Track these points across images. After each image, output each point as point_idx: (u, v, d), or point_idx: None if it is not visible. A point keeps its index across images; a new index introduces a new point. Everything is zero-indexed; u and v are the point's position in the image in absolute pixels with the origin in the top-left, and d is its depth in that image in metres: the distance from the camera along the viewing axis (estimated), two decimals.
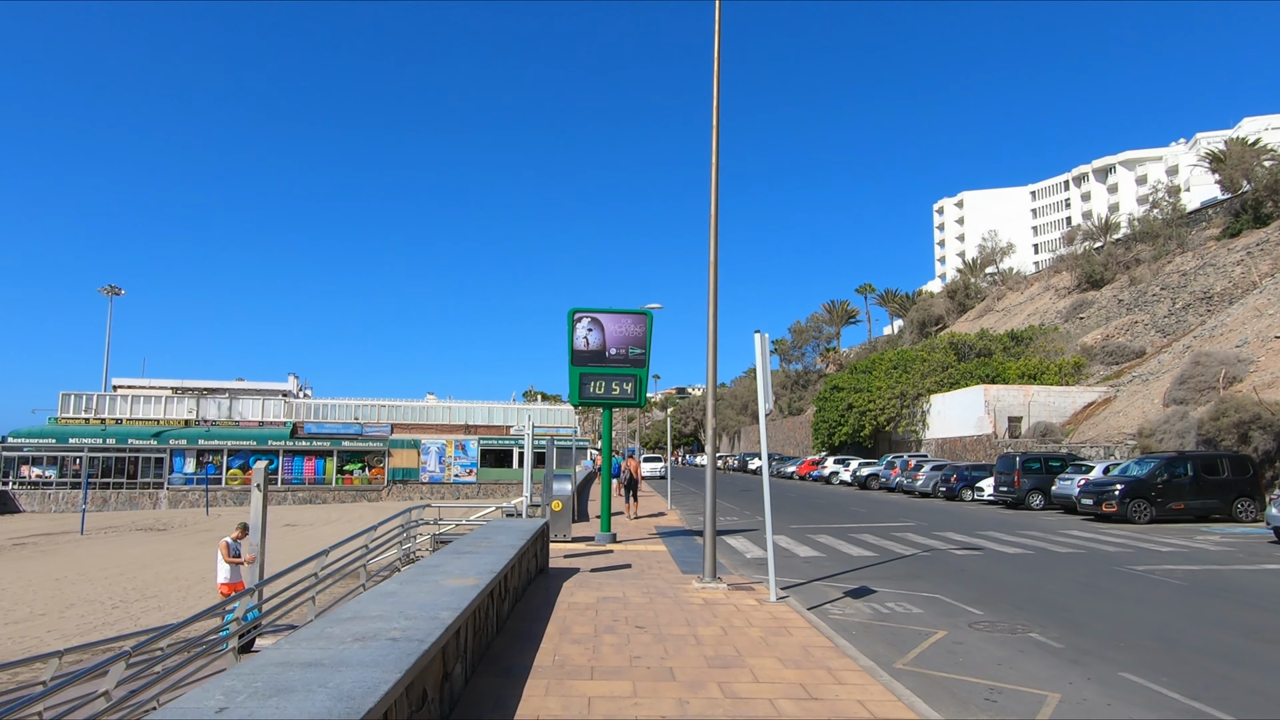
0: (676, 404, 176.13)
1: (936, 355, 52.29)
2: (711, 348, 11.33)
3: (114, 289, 77.77)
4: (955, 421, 46.61)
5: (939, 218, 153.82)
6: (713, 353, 11.33)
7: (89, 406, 61.11)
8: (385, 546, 13.96)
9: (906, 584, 13.16)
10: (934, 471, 36.12)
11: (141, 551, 30.39)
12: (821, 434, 59.99)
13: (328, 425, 63.57)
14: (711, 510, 11.50)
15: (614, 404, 18.98)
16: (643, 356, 19.10)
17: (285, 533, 38.08)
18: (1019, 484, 28.32)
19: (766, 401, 10.23)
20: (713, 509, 11.49)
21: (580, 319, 19.21)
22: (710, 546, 11.45)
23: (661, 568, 14.61)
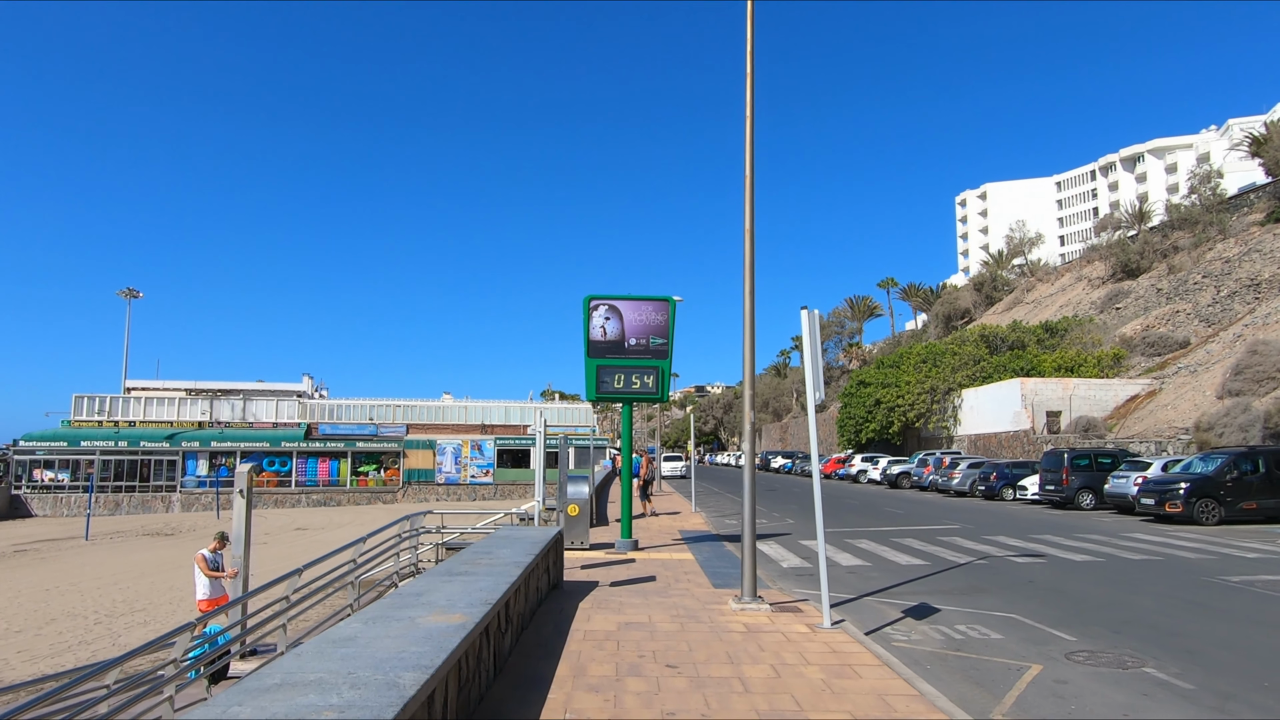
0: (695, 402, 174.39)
1: (967, 348, 50.29)
2: (748, 326, 9.74)
3: (133, 292, 77.25)
4: (989, 417, 44.64)
5: (961, 210, 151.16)
6: (749, 332, 9.73)
7: (102, 409, 60.38)
8: (381, 558, 12.46)
9: (972, 600, 11.48)
10: (971, 469, 34.24)
11: (143, 558, 29.19)
12: (847, 431, 58.12)
13: (342, 426, 62.48)
14: (751, 517, 9.89)
15: (634, 399, 17.39)
16: (665, 347, 17.49)
17: (295, 537, 36.85)
18: (1068, 482, 26.45)
19: (817, 389, 8.60)
20: (752, 516, 9.89)
21: (597, 307, 17.63)
22: (750, 559, 9.85)
23: (690, 580, 13.01)
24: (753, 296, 9.81)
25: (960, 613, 10.59)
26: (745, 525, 9.85)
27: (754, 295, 9.78)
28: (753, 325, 9.81)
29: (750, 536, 9.83)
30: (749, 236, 9.96)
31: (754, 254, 9.78)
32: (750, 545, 9.82)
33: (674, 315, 17.71)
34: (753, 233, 9.95)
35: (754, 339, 9.75)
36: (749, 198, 9.87)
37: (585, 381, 17.39)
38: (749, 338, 9.76)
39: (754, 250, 9.85)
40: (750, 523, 9.87)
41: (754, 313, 9.90)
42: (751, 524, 9.89)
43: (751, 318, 9.85)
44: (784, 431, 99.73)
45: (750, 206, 9.82)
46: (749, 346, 9.79)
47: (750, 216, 9.80)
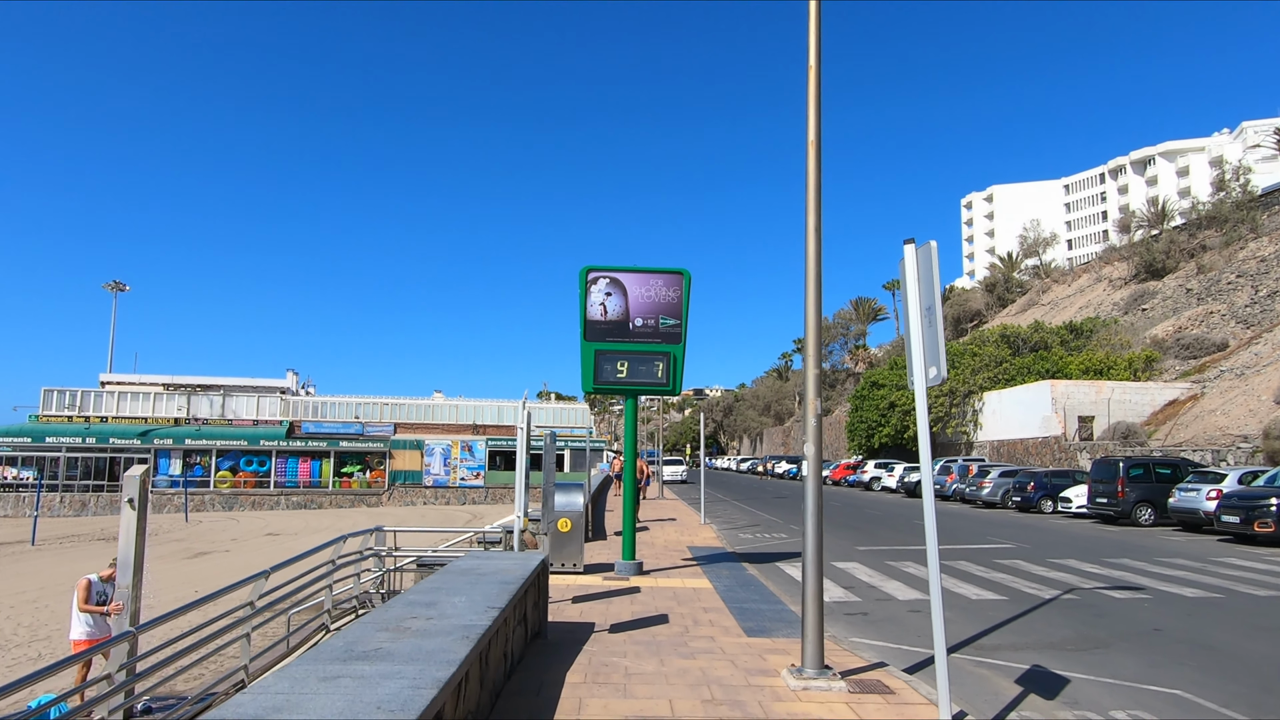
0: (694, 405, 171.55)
1: (988, 349, 47.38)
2: (813, 261, 6.80)
3: (119, 285, 74.20)
4: (1015, 421, 41.68)
5: (967, 213, 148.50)
6: (814, 270, 6.80)
7: (72, 404, 57.22)
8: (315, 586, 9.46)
9: (1100, 661, 8.50)
10: (1004, 478, 31.27)
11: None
12: (859, 435, 55.14)
13: (326, 424, 59.39)
14: (815, 556, 6.84)
15: (640, 390, 14.39)
16: (677, 329, 14.51)
17: (263, 544, 33.79)
18: (1123, 494, 23.48)
19: (936, 365, 5.63)
20: (817, 554, 6.84)
21: (596, 280, 14.63)
22: (814, 615, 6.80)
23: (714, 623, 10.01)
24: (818, 217, 6.86)
25: (1098, 684, 7.61)
26: (807, 566, 6.83)
27: (820, 217, 6.84)
28: (818, 259, 6.87)
29: (815, 582, 6.81)
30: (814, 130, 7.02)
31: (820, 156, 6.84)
32: (815, 595, 6.80)
33: (688, 292, 14.73)
34: (818, 125, 7.02)
35: (820, 279, 6.83)
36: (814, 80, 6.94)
37: (581, 369, 14.40)
38: (813, 278, 6.80)
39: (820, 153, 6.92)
40: (815, 564, 6.85)
41: (820, 248, 6.94)
42: (817, 565, 6.86)
43: (817, 251, 6.89)
44: (786, 436, 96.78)
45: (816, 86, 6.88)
46: (813, 291, 6.83)
47: (816, 98, 6.87)
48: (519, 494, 10.53)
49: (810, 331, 6.94)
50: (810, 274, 6.93)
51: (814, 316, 6.94)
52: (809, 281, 6.95)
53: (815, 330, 6.94)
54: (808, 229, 7.02)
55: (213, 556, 29.17)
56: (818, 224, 7.03)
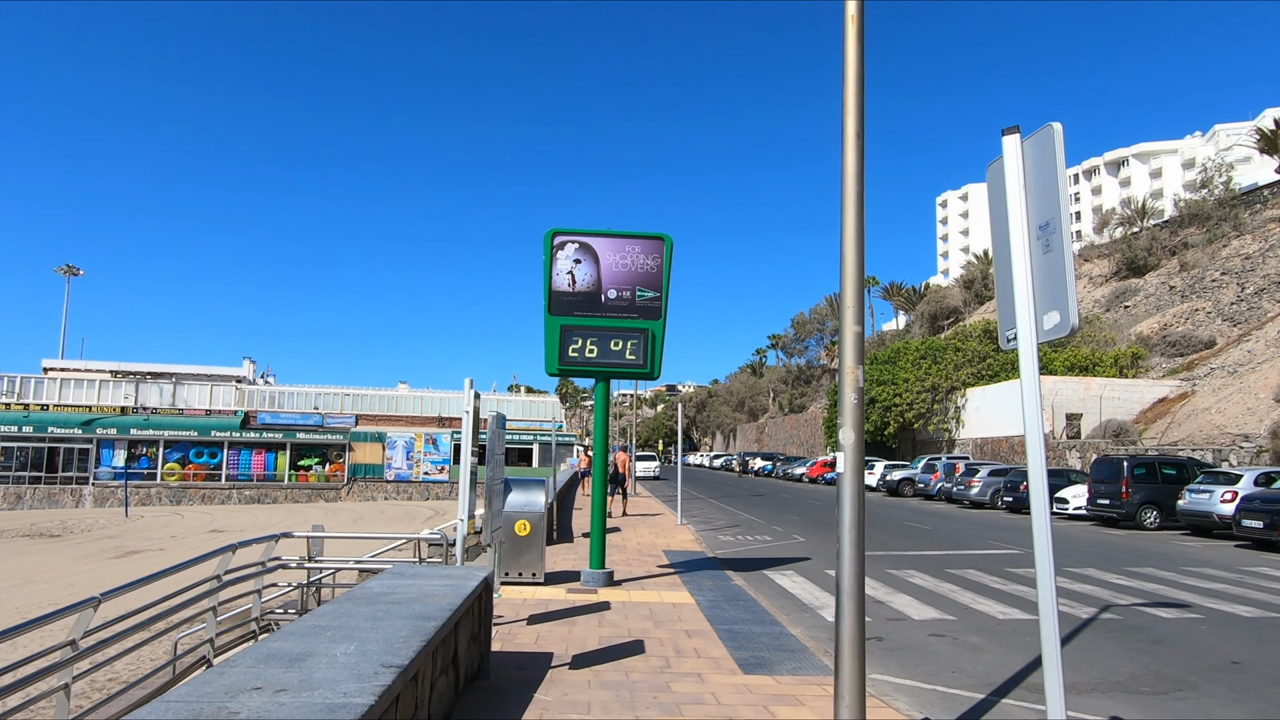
0: (666, 401, 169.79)
1: (971, 344, 46.01)
2: (853, 152, 4.93)
3: (71, 269, 70.87)
4: (999, 419, 40.32)
5: (942, 211, 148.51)
6: (855, 160, 4.92)
7: (11, 390, 53.97)
8: (196, 605, 7.39)
9: (1188, 707, 6.73)
10: (993, 477, 29.76)
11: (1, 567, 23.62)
12: (837, 431, 53.50)
13: (284, 415, 56.69)
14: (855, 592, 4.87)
15: (612, 372, 12.44)
16: (657, 302, 12.59)
17: (204, 541, 31.33)
18: (1128, 495, 21.96)
19: (1059, 308, 3.74)
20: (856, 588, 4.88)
21: (563, 244, 12.66)
22: (853, 686, 4.82)
23: (700, 653, 8.10)
24: (860, 117, 4.97)
25: None
26: (844, 613, 4.85)
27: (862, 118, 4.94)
28: (859, 175, 5.00)
29: (854, 630, 4.84)
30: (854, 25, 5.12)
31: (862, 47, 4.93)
32: (854, 649, 4.84)
33: (670, 260, 12.82)
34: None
35: (861, 201, 4.96)
36: None
37: (545, 348, 12.42)
38: (853, 199, 4.92)
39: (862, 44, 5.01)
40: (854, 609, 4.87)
41: (862, 160, 5.06)
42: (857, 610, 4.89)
43: (858, 163, 5.02)
44: (760, 432, 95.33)
45: None
46: (853, 217, 4.96)
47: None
48: (463, 494, 8.52)
49: (849, 271, 5.04)
50: (849, 193, 5.02)
51: (853, 251, 5.04)
52: (847, 204, 5.06)
53: (855, 270, 5.04)
54: (845, 135, 5.11)
55: (144, 556, 26.76)
56: (859, 127, 5.12)
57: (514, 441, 58.90)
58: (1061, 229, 3.73)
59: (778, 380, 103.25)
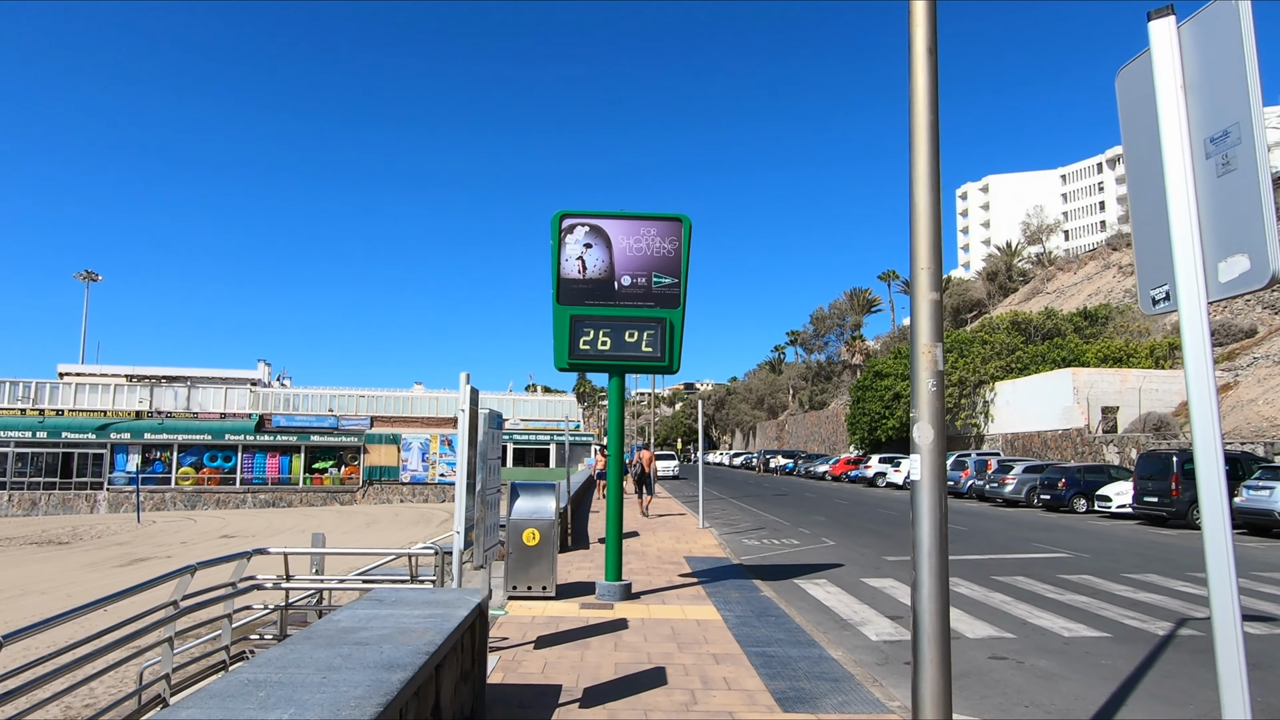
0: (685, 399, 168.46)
1: (999, 337, 44.57)
2: (924, 70, 3.83)
3: (90, 274, 70.93)
4: (1031, 413, 38.91)
5: (962, 203, 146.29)
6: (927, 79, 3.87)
7: (26, 396, 53.77)
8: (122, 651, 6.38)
9: None
10: (1028, 474, 28.47)
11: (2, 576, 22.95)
12: (860, 428, 52.26)
13: (299, 418, 56.12)
14: (938, 628, 3.79)
15: (627, 365, 11.40)
16: (675, 290, 11.53)
17: (215, 547, 30.61)
18: (1178, 493, 20.65)
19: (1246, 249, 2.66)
20: (939, 625, 3.79)
21: (572, 227, 11.64)
22: None
23: (730, 684, 7.04)
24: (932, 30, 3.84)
25: None
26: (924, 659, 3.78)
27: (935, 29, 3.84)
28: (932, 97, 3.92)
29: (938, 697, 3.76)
30: None
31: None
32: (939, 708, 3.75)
33: (689, 243, 11.76)
34: None
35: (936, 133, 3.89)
36: None
37: (554, 340, 11.40)
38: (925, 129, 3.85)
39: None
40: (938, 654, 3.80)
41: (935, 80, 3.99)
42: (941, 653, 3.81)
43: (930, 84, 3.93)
44: (780, 429, 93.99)
45: None
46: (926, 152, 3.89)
47: None
48: (460, 502, 7.52)
49: (921, 222, 3.97)
50: (920, 119, 3.95)
51: (927, 195, 3.96)
52: (918, 131, 3.98)
53: (930, 221, 3.96)
54: (913, 44, 4.03)
55: (151, 564, 26.02)
56: (931, 41, 4.04)
57: (531, 442, 58.09)
58: (1253, 137, 2.63)
59: (797, 377, 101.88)
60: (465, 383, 8.04)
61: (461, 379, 8.10)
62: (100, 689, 8.65)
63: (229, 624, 7.32)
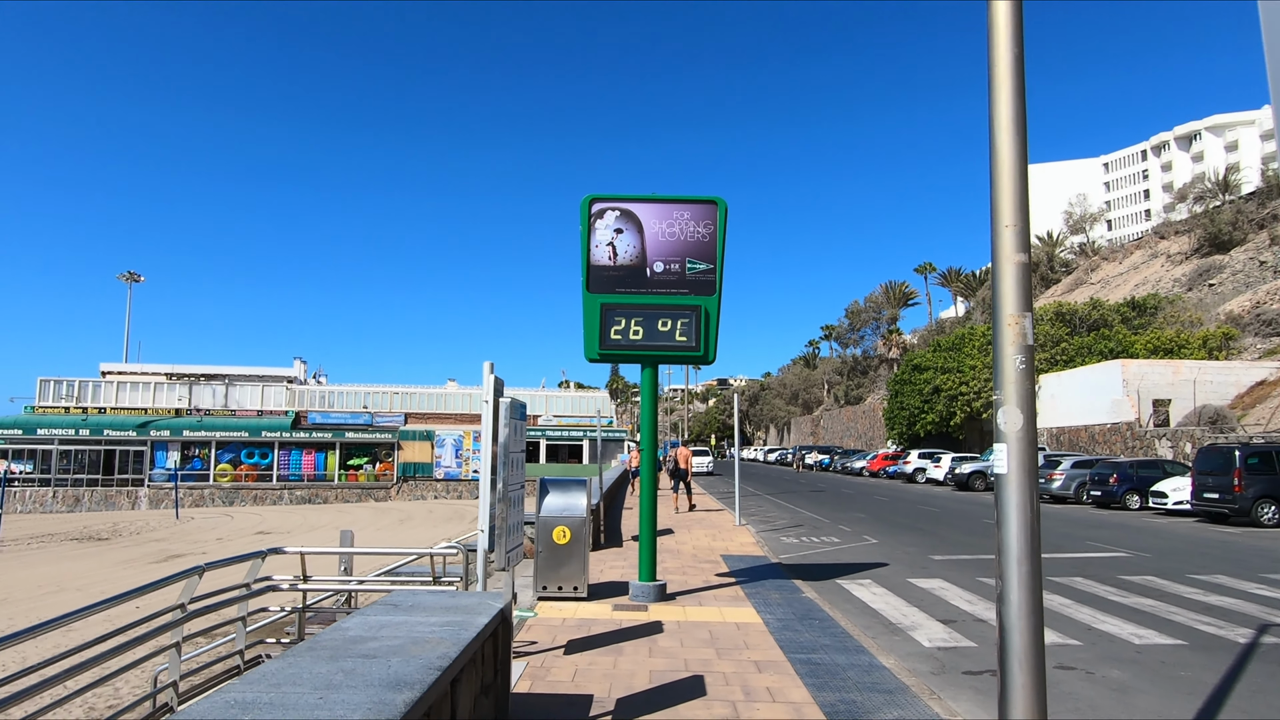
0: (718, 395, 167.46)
1: (1043, 328, 43.25)
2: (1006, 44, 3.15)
3: (133, 275, 72.13)
4: (1077, 406, 37.68)
5: None
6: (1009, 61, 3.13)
7: (70, 394, 54.70)
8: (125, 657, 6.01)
9: None
10: (1077, 469, 27.46)
11: (32, 575, 23.11)
12: (899, 423, 51.20)
13: (334, 415, 56.45)
14: (1031, 651, 3.24)
15: (660, 356, 10.88)
16: (711, 275, 10.99)
17: (249, 544, 30.70)
18: (1240, 488, 19.63)
19: None
20: (1033, 649, 3.24)
21: (602, 212, 11.15)
22: None
23: (774, 694, 6.51)
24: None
25: None
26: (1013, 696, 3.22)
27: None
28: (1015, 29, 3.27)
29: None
30: None
31: None
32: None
33: (724, 227, 11.22)
34: None
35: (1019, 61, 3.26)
36: None
37: (584, 330, 10.93)
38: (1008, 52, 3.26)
39: None
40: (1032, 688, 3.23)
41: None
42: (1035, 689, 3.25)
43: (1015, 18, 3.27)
44: (816, 425, 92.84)
45: None
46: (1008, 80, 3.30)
47: None
48: (484, 499, 7.07)
49: (1004, 168, 3.40)
50: (1001, 40, 3.37)
51: (1010, 134, 3.39)
52: (999, 72, 3.41)
53: (1014, 165, 3.39)
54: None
55: (186, 560, 26.07)
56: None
57: (564, 438, 57.84)
58: None
59: (832, 371, 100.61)
60: (489, 373, 7.58)
61: (485, 369, 7.64)
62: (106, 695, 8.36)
63: (243, 627, 6.95)
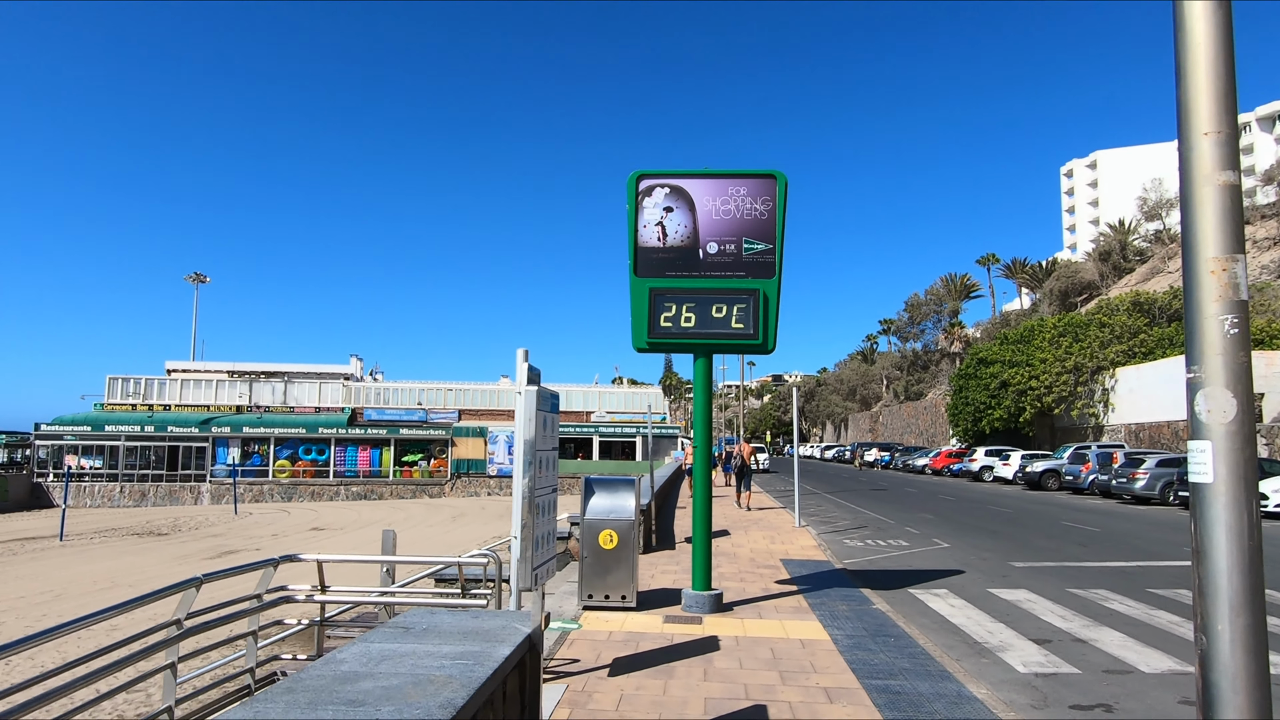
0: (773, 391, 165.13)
1: (1119, 319, 40.98)
2: None
3: (200, 276, 73.85)
4: (1158, 401, 35.50)
5: (1068, 182, 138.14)
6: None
7: (136, 391, 56.13)
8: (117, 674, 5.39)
9: None
10: (1163, 468, 25.64)
11: (91, 570, 23.28)
12: (963, 419, 49.22)
13: (389, 411, 56.84)
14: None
15: (715, 345, 9.98)
16: (770, 255, 10.03)
17: (303, 540, 30.72)
18: None
19: None
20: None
21: (650, 190, 10.28)
22: None
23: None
24: None
25: None
26: None
27: None
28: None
29: None
30: None
31: None
32: None
33: (784, 203, 10.24)
34: None
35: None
36: None
37: (631, 318, 10.08)
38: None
39: None
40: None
41: None
42: None
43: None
44: (874, 421, 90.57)
45: None
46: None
47: None
48: (517, 502, 6.26)
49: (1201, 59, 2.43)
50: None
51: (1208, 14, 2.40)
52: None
53: (1217, 51, 2.41)
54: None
55: (240, 556, 26.09)
56: None
57: (617, 435, 57.24)
58: None
59: (891, 366, 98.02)
60: (522, 360, 6.78)
61: (519, 356, 6.84)
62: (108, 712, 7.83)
63: (254, 643, 6.27)
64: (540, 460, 5.84)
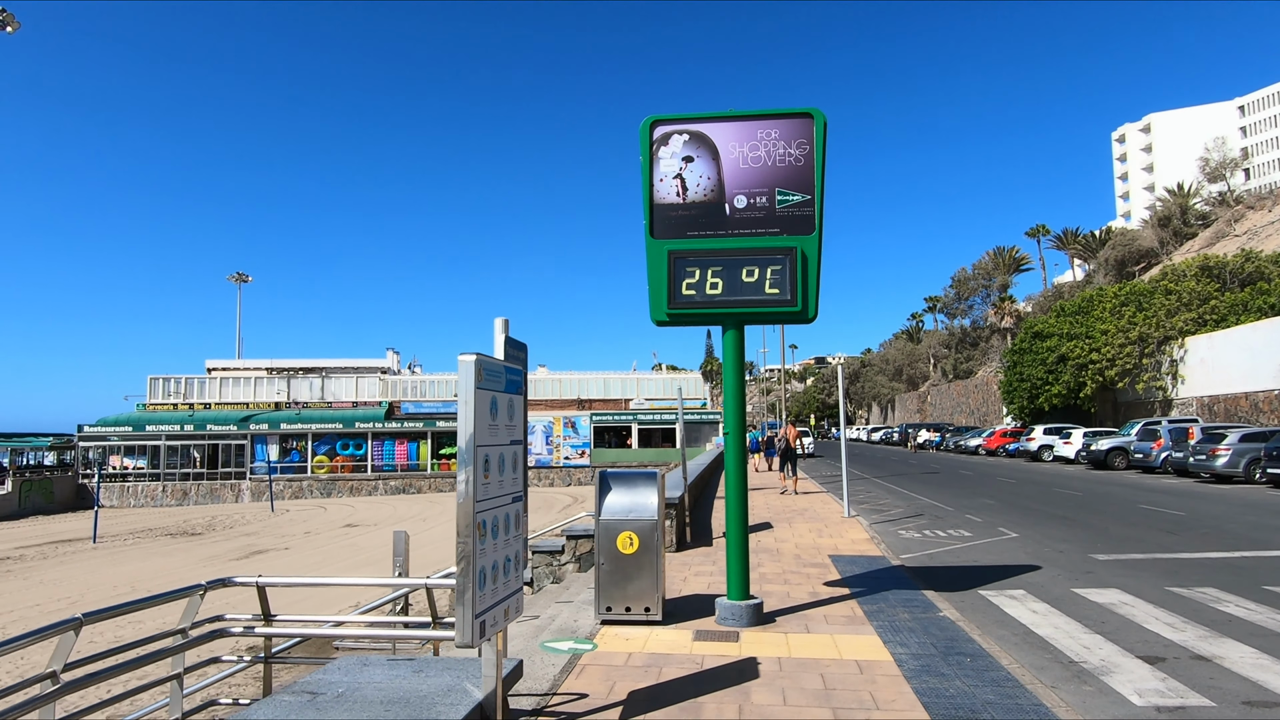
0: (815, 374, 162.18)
1: (1187, 284, 38.38)
2: None
3: (242, 276, 74.24)
4: (1235, 372, 33.06)
5: (1120, 148, 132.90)
6: None
7: (177, 391, 56.37)
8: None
9: None
10: (1247, 443, 23.54)
11: (115, 573, 22.72)
12: (1018, 396, 46.89)
13: (426, 404, 56.29)
14: None
15: (747, 314, 8.57)
16: (809, 207, 8.57)
17: (335, 538, 30.03)
18: None
19: None
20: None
21: (666, 138, 8.88)
22: None
23: None
24: None
25: None
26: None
27: None
28: None
29: None
30: None
31: None
32: None
33: (823, 147, 8.77)
34: None
35: None
36: None
37: (649, 285, 8.74)
38: None
39: None
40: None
41: None
42: None
43: None
44: (922, 401, 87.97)
45: None
46: None
47: None
48: (459, 521, 4.93)
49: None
50: None
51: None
52: None
53: None
54: None
55: (269, 556, 25.43)
56: None
57: (655, 422, 55.99)
58: None
59: (938, 345, 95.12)
60: (501, 330, 5.46)
61: (496, 327, 5.52)
62: None
63: (178, 689, 5.09)
64: (489, 460, 4.48)
